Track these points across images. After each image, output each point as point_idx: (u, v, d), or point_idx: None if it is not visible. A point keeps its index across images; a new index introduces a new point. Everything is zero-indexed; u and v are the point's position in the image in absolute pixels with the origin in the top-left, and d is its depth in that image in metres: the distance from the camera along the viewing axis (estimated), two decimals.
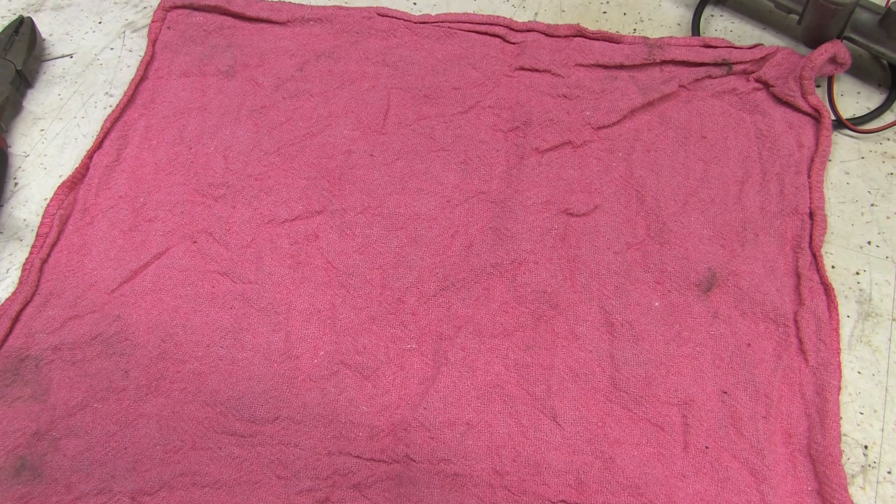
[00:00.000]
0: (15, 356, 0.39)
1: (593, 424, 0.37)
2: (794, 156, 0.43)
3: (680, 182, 0.43)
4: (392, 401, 0.39)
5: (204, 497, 0.37)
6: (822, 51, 0.44)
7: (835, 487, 0.35)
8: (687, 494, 0.36)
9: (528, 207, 0.43)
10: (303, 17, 0.49)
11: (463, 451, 0.37)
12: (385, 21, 0.49)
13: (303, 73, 0.47)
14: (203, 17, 0.50)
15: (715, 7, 0.50)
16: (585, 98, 0.46)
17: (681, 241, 0.41)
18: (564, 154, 0.44)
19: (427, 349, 0.40)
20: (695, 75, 0.46)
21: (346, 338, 0.40)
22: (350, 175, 0.44)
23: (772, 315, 0.39)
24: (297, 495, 0.36)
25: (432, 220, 0.43)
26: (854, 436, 0.37)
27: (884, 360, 0.39)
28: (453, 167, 0.44)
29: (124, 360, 0.40)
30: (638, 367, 0.38)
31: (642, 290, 0.40)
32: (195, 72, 0.48)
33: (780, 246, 0.41)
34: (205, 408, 0.39)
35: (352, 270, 0.42)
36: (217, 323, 0.41)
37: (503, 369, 0.39)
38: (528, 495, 0.36)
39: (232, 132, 0.46)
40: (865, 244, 0.42)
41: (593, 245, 0.42)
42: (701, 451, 0.37)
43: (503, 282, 0.41)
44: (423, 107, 0.46)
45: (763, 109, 0.45)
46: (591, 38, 0.47)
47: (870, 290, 0.41)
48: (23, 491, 0.36)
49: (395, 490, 0.37)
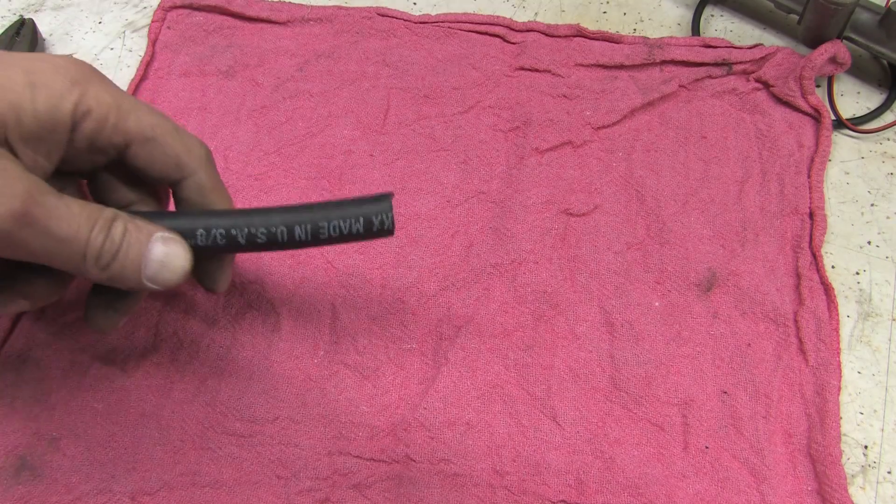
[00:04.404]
0: (16, 356, 0.39)
1: (593, 424, 0.37)
2: (794, 156, 0.43)
3: (680, 182, 0.43)
4: (392, 401, 0.39)
5: (204, 497, 0.37)
6: (822, 51, 0.44)
7: (835, 487, 0.35)
8: (687, 494, 0.36)
9: (528, 207, 0.43)
10: (303, 17, 0.49)
11: (463, 451, 0.37)
12: (385, 21, 0.49)
13: (303, 73, 0.47)
14: (203, 17, 0.50)
15: (715, 7, 0.50)
16: (585, 98, 0.46)
17: (681, 241, 0.41)
18: (564, 154, 0.44)
19: (427, 349, 0.40)
20: (695, 75, 0.46)
21: (346, 338, 0.40)
22: (350, 175, 0.44)
23: (772, 315, 0.39)
24: (297, 495, 0.37)
25: (432, 219, 0.43)
26: (854, 436, 0.37)
27: (884, 360, 0.39)
28: (453, 167, 0.44)
29: (124, 359, 0.40)
30: (638, 367, 0.38)
31: (642, 290, 0.40)
32: (195, 72, 0.48)
33: (780, 246, 0.41)
34: (205, 408, 0.39)
35: (352, 270, 0.42)
36: (217, 323, 0.41)
37: (503, 369, 0.39)
38: (528, 495, 0.36)
39: (232, 132, 0.46)
40: (865, 244, 0.42)
41: (593, 245, 0.42)
42: (701, 451, 0.37)
43: (503, 282, 0.41)
44: (423, 107, 0.46)
45: (763, 109, 0.45)
46: (591, 38, 0.47)
47: (870, 290, 0.41)
48: (23, 491, 0.36)
49: (395, 490, 0.37)
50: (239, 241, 0.31)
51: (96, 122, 0.30)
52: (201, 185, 0.33)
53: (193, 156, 0.32)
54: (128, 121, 0.30)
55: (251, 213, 0.31)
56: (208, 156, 0.33)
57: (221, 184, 0.34)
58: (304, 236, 0.31)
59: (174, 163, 0.32)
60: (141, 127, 0.31)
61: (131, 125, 0.31)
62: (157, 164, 0.32)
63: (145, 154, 0.31)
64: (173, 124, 0.32)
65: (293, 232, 0.30)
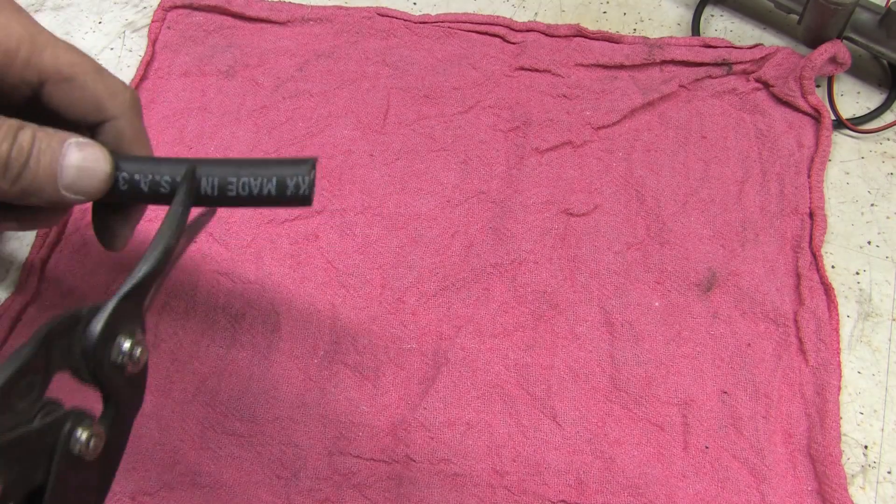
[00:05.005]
0: None
1: (593, 424, 0.37)
2: (794, 156, 0.43)
3: (680, 182, 0.43)
4: (392, 401, 0.39)
5: (204, 497, 0.37)
6: (822, 51, 0.44)
7: (835, 487, 0.35)
8: (687, 494, 0.36)
9: (528, 207, 0.43)
10: (303, 17, 0.49)
11: (463, 451, 0.37)
12: (385, 21, 0.49)
13: (303, 73, 0.47)
14: (203, 17, 0.50)
15: (715, 7, 0.50)
16: (585, 98, 0.46)
17: (681, 241, 0.41)
18: (564, 154, 0.44)
19: (427, 349, 0.40)
20: (695, 75, 0.46)
21: (346, 338, 0.40)
22: (350, 175, 0.44)
23: (772, 315, 0.39)
24: (297, 495, 0.37)
25: (432, 219, 0.43)
26: (854, 436, 0.37)
27: (884, 360, 0.39)
28: (453, 167, 0.44)
29: None
30: (638, 367, 0.38)
31: (642, 290, 0.40)
32: (195, 72, 0.48)
33: (780, 246, 0.41)
34: (205, 408, 0.39)
35: (352, 270, 0.42)
36: (217, 323, 0.41)
37: (503, 369, 0.39)
38: (528, 495, 0.36)
39: (232, 132, 0.46)
40: (865, 244, 0.42)
41: (593, 245, 0.42)
42: (701, 451, 0.37)
43: (503, 282, 0.41)
44: (423, 107, 0.46)
45: (763, 109, 0.45)
46: (591, 38, 0.47)
47: (870, 290, 0.41)
48: None
49: (395, 490, 0.37)
50: (141, 189, 0.28)
51: (4, 54, 0.28)
52: (121, 131, 0.30)
53: (117, 100, 0.30)
54: (42, 57, 0.28)
55: (161, 161, 0.29)
56: (134, 102, 0.31)
57: (144, 135, 0.31)
58: (211, 191, 0.28)
59: (93, 105, 0.30)
60: (58, 64, 0.29)
61: (46, 62, 0.28)
62: (75, 105, 0.29)
63: (62, 94, 0.29)
64: (96, 64, 0.30)
65: (199, 185, 0.28)
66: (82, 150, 0.28)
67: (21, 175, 0.27)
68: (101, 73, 0.30)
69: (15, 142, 0.27)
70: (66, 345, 0.24)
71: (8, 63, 0.28)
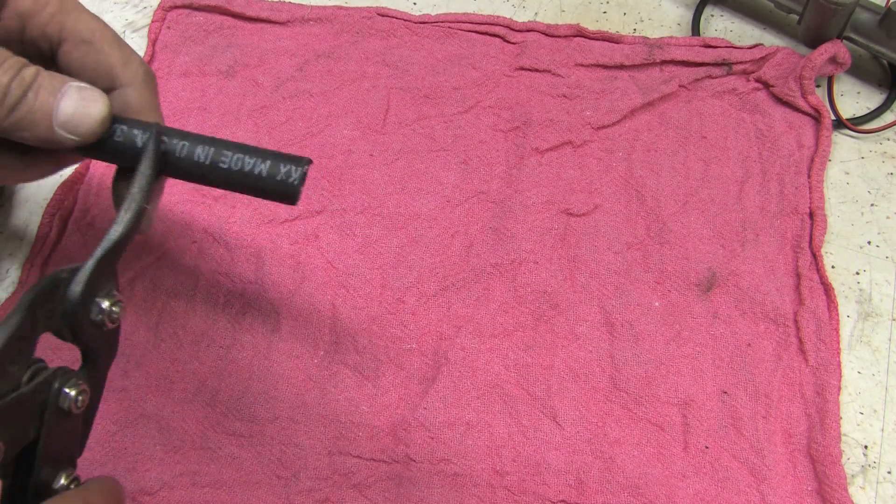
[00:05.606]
0: None
1: (593, 424, 0.37)
2: (794, 156, 0.43)
3: (680, 182, 0.43)
4: (392, 401, 0.39)
5: (204, 497, 0.37)
6: (822, 51, 0.44)
7: (835, 487, 0.35)
8: (687, 494, 0.36)
9: (528, 207, 0.43)
10: (303, 17, 0.49)
11: (463, 451, 0.37)
12: (385, 21, 0.49)
13: (303, 73, 0.47)
14: (203, 17, 0.50)
15: (715, 7, 0.50)
16: (585, 98, 0.46)
17: (681, 241, 0.41)
18: (564, 154, 0.44)
19: (427, 349, 0.40)
20: (695, 75, 0.46)
21: (346, 338, 0.40)
22: (350, 175, 0.44)
23: (772, 315, 0.39)
24: (297, 495, 0.37)
25: (432, 220, 0.43)
26: (854, 436, 0.37)
27: (884, 360, 0.39)
28: (453, 167, 0.44)
29: (124, 359, 0.40)
30: (638, 367, 0.38)
31: (642, 290, 0.40)
32: (195, 72, 0.48)
33: (780, 246, 0.41)
34: (205, 408, 0.39)
35: (352, 270, 0.42)
36: (217, 323, 0.41)
37: (503, 369, 0.39)
38: (528, 495, 0.36)
39: (232, 132, 0.46)
40: (865, 244, 0.42)
41: (593, 245, 0.42)
42: (701, 451, 0.37)
43: (503, 282, 0.41)
44: (423, 107, 0.46)
45: (763, 109, 0.45)
46: (591, 38, 0.47)
47: (870, 290, 0.41)
48: None
49: (395, 490, 0.37)
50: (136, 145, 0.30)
51: (33, 3, 0.29)
52: (128, 100, 0.31)
53: (130, 70, 0.31)
54: (67, 17, 0.30)
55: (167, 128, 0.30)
56: (147, 76, 0.32)
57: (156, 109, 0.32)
58: (204, 158, 0.30)
59: (106, 71, 0.30)
60: (79, 27, 0.30)
61: (69, 22, 0.30)
62: (88, 69, 0.30)
63: (78, 56, 0.30)
64: (115, 34, 0.31)
65: (194, 151, 0.30)
66: (81, 92, 0.28)
67: (17, 106, 0.27)
68: (118, 42, 0.31)
69: (18, 74, 0.27)
70: (48, 308, 0.25)
71: (34, 13, 0.29)
